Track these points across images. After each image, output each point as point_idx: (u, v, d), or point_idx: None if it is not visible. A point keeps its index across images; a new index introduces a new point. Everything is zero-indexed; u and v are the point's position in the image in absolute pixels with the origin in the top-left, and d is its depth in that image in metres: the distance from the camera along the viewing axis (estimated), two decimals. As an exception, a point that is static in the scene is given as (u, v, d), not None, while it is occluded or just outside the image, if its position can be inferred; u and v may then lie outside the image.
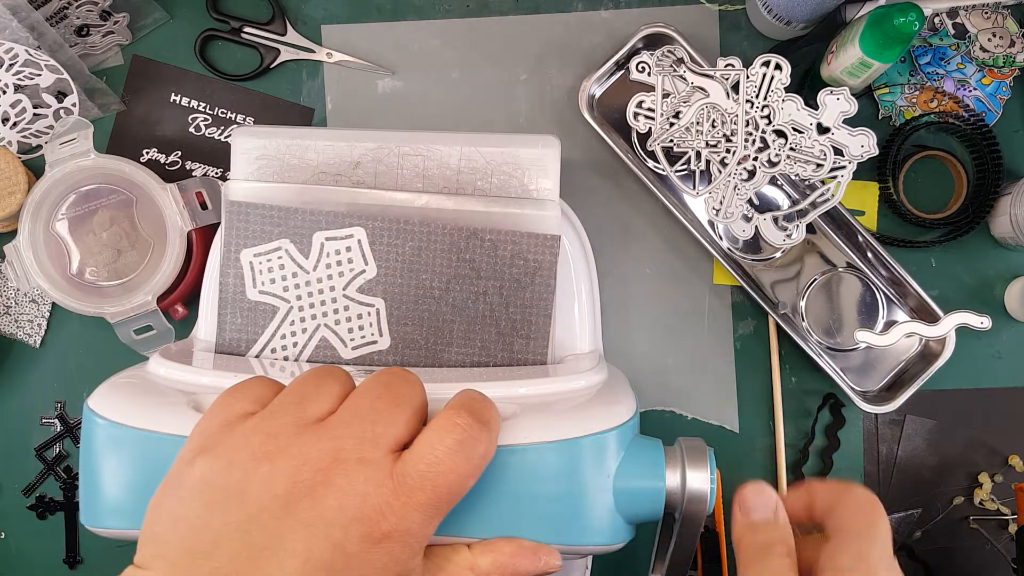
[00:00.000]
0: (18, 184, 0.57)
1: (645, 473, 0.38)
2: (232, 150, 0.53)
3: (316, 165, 0.53)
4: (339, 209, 0.52)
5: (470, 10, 0.62)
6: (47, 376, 0.62)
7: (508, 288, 0.52)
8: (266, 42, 0.62)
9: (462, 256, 0.52)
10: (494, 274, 0.52)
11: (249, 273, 0.53)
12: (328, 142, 0.53)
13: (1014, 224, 0.57)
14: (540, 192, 0.52)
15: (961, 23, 0.61)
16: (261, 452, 0.32)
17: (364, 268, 0.52)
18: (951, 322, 0.55)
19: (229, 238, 0.53)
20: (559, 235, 0.52)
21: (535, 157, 0.52)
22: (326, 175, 0.53)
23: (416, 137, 0.53)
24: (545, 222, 0.52)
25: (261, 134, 0.53)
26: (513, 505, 0.36)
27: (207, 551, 0.30)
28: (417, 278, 0.52)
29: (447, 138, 0.53)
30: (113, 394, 0.41)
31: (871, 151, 0.54)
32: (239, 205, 0.52)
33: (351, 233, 0.50)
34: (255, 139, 0.53)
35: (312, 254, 0.52)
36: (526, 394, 0.42)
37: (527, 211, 0.52)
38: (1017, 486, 0.57)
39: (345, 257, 0.52)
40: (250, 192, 0.53)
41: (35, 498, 0.62)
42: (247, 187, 0.53)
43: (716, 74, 0.54)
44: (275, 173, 0.53)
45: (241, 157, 0.53)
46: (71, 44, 0.61)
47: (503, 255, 0.52)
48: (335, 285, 0.52)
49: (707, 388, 0.61)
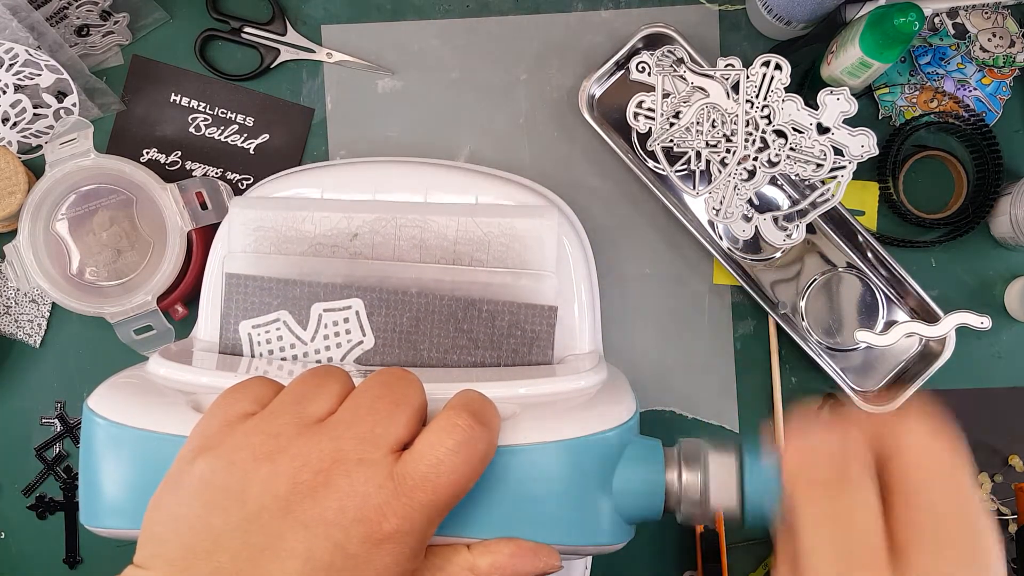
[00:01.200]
0: (18, 184, 0.57)
1: (645, 473, 0.38)
2: (230, 221, 0.54)
3: (313, 236, 0.53)
4: (337, 280, 0.52)
5: (470, 10, 0.62)
6: (47, 376, 0.62)
7: (506, 358, 0.52)
8: (266, 42, 0.62)
9: (460, 327, 0.52)
10: (491, 344, 0.52)
11: (248, 344, 0.53)
12: (325, 213, 0.53)
13: (1014, 224, 0.57)
14: (537, 263, 0.52)
15: (961, 23, 0.61)
16: (262, 452, 0.32)
17: (362, 339, 0.52)
18: (951, 322, 0.55)
19: (228, 310, 0.53)
20: (556, 306, 0.52)
21: (532, 228, 0.52)
22: (323, 246, 0.53)
23: (414, 208, 0.53)
24: (542, 293, 0.52)
25: (258, 205, 0.54)
26: (512, 505, 0.36)
27: (207, 551, 0.30)
28: (415, 349, 0.52)
29: (444, 208, 0.53)
30: (113, 394, 0.41)
31: (871, 151, 0.54)
32: (237, 277, 0.53)
33: (349, 304, 0.50)
34: (252, 211, 0.53)
35: (310, 325, 0.52)
36: (526, 394, 0.42)
37: (524, 282, 0.52)
38: (1017, 486, 0.57)
39: (343, 328, 0.52)
40: (248, 264, 0.53)
41: (35, 498, 0.62)
42: (245, 259, 0.53)
43: (716, 74, 0.54)
44: (273, 244, 0.53)
45: (239, 228, 0.54)
46: (71, 44, 0.61)
47: (500, 326, 0.52)
48: (333, 356, 0.52)
49: (707, 388, 0.61)
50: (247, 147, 0.62)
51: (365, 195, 0.54)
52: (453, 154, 0.62)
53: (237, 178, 0.62)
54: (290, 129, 0.62)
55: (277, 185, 0.55)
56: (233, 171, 0.62)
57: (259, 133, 0.62)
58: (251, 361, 0.52)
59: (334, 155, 0.62)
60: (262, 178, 0.58)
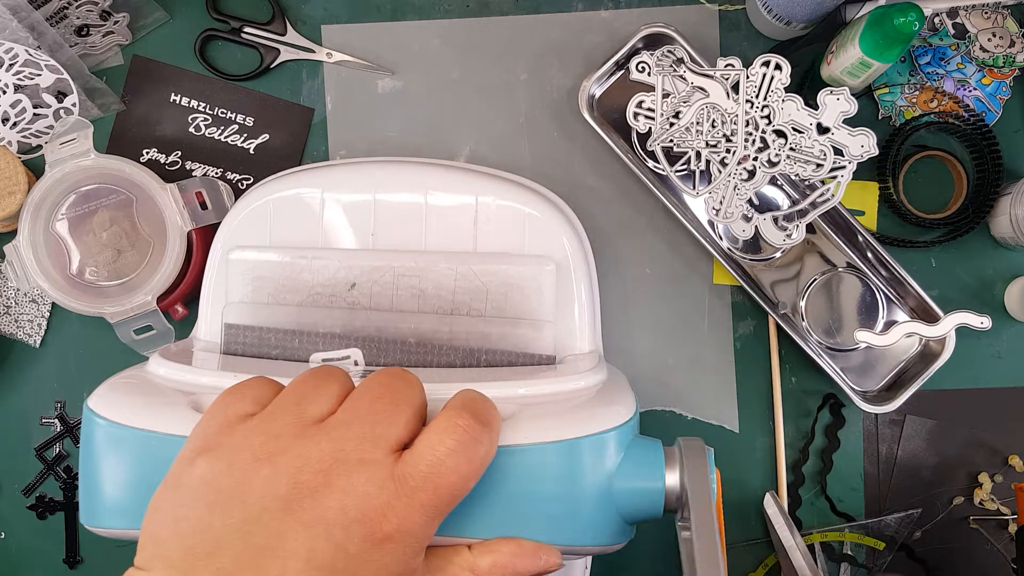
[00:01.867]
0: (18, 184, 0.57)
1: (645, 473, 0.38)
2: (228, 272, 0.54)
3: (311, 286, 0.53)
4: (335, 330, 0.52)
5: (470, 10, 0.62)
6: (47, 376, 0.62)
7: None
8: (266, 42, 0.62)
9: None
10: None
11: None
12: (323, 261, 0.53)
13: (1014, 224, 0.57)
14: (535, 311, 0.52)
15: (961, 23, 0.61)
16: (262, 453, 0.32)
17: None
18: (951, 322, 0.55)
19: (227, 362, 0.53)
20: (554, 355, 0.52)
21: (530, 276, 0.52)
22: (321, 295, 0.53)
23: (412, 257, 0.53)
24: (541, 342, 0.52)
25: (256, 250, 0.53)
26: (513, 505, 0.36)
27: (208, 552, 0.30)
28: None
29: (442, 258, 0.53)
30: (113, 394, 0.41)
31: (871, 151, 0.54)
32: (237, 328, 0.53)
33: (348, 354, 0.50)
34: (252, 253, 0.53)
35: None
36: (526, 394, 0.42)
37: (522, 331, 0.52)
38: (1017, 486, 0.57)
39: None
40: (247, 314, 0.53)
41: (35, 498, 0.62)
42: (243, 309, 0.53)
43: (716, 74, 0.54)
44: (271, 294, 0.53)
45: (237, 278, 0.54)
46: (71, 44, 0.61)
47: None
48: None
49: (707, 388, 0.61)
50: (247, 147, 0.62)
51: (365, 195, 0.54)
52: (453, 154, 0.62)
53: (237, 178, 0.62)
54: (290, 129, 0.62)
55: (277, 185, 0.55)
56: (233, 171, 0.62)
57: (259, 133, 0.62)
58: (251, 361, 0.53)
59: (334, 155, 0.62)
60: (262, 178, 0.58)
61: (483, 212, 0.54)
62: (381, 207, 0.54)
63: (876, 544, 0.59)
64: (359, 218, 0.54)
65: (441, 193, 0.54)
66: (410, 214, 0.54)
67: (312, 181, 0.55)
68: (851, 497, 0.60)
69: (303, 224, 0.54)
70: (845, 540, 0.60)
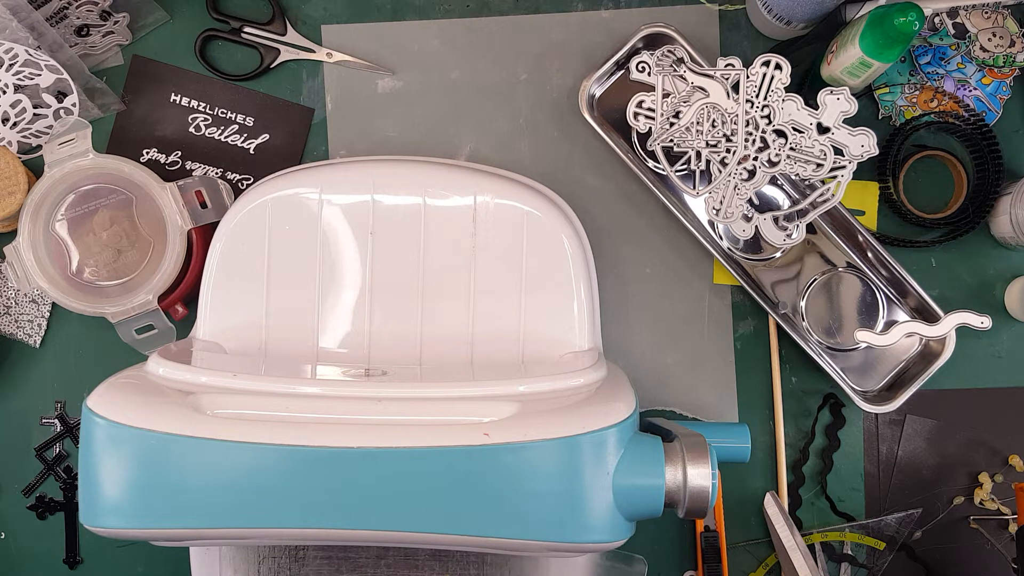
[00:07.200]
0: (18, 184, 0.57)
1: (645, 470, 0.38)
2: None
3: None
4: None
5: (470, 10, 0.62)
6: (47, 376, 0.62)
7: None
8: (266, 42, 0.62)
9: None
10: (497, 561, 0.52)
11: None
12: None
13: (1014, 224, 0.57)
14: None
15: (961, 23, 0.61)
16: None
17: None
18: (951, 322, 0.55)
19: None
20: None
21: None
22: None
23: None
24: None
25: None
26: (512, 503, 0.36)
27: None
28: None
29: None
30: (112, 394, 0.41)
31: (871, 151, 0.54)
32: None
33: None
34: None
35: None
36: (526, 392, 0.42)
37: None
38: (1017, 486, 0.57)
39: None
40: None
41: (35, 498, 0.62)
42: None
43: (716, 74, 0.54)
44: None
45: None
46: (71, 44, 0.61)
47: None
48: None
49: (707, 388, 0.61)
50: (247, 147, 0.62)
51: (363, 195, 0.54)
52: (453, 154, 0.62)
53: (237, 178, 0.62)
54: (290, 129, 0.62)
55: (277, 184, 0.55)
56: (233, 171, 0.62)
57: (259, 133, 0.62)
58: (251, 361, 0.52)
59: (334, 155, 0.62)
60: (262, 178, 0.58)
61: (482, 211, 0.54)
62: (380, 205, 0.54)
63: (876, 544, 0.59)
64: (358, 216, 0.54)
65: (440, 191, 0.54)
66: (409, 212, 0.54)
67: (311, 180, 0.55)
68: (851, 497, 0.60)
69: (302, 224, 0.54)
70: (845, 540, 0.60)
